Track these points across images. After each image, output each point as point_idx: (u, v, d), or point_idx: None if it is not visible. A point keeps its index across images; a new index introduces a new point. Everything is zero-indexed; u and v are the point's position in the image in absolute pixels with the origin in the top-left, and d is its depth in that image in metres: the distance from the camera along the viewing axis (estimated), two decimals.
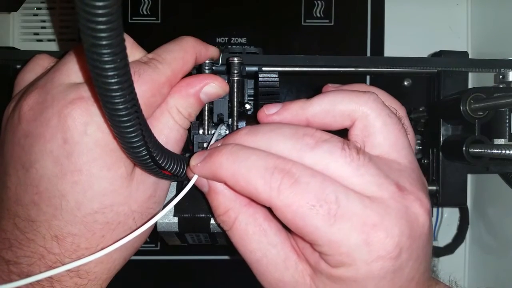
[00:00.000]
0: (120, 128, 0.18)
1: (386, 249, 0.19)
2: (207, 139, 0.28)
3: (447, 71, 0.37)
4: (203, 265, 0.47)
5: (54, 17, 0.48)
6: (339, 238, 0.19)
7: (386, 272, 0.19)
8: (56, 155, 0.21)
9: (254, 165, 0.20)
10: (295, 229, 0.20)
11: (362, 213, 0.19)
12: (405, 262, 0.20)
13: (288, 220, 0.20)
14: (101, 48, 0.14)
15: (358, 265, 0.19)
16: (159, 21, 0.47)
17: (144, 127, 0.19)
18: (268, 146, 0.21)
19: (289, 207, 0.19)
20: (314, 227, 0.19)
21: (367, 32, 0.47)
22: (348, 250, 0.19)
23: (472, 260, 0.48)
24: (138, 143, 0.19)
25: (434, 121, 0.39)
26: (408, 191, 0.21)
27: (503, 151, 0.31)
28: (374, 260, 0.19)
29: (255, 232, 0.22)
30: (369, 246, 0.19)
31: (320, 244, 0.20)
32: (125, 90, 0.16)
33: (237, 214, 0.22)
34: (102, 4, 0.13)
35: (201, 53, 0.27)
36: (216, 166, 0.21)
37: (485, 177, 0.46)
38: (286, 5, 0.48)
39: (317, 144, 0.21)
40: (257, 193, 0.20)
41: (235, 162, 0.21)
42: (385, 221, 0.19)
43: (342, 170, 0.20)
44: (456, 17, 0.49)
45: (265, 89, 0.30)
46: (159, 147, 0.21)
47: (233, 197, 0.22)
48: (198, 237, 0.30)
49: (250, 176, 0.20)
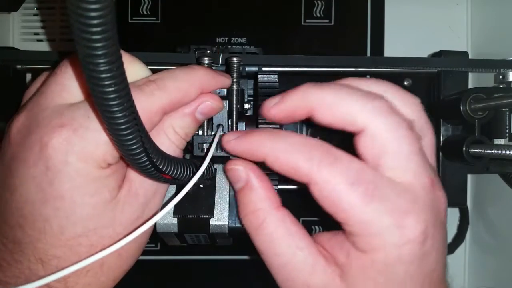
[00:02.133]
0: (118, 136, 0.18)
1: (415, 233, 0.20)
2: (207, 139, 0.28)
3: (447, 71, 0.37)
4: (203, 265, 0.47)
5: (54, 17, 0.48)
6: (372, 218, 0.20)
7: (414, 256, 0.20)
8: (39, 181, 0.21)
9: (296, 141, 0.21)
10: (329, 206, 0.20)
11: (396, 198, 0.20)
12: (429, 249, 0.20)
13: (324, 196, 0.20)
14: (97, 58, 0.14)
15: (388, 249, 0.20)
16: (159, 21, 0.47)
17: (143, 132, 0.19)
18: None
19: (327, 183, 0.20)
20: (349, 205, 0.20)
21: (367, 32, 0.47)
22: (380, 231, 0.20)
23: (472, 260, 0.48)
24: (138, 150, 0.19)
25: (434, 121, 0.39)
26: (436, 186, 0.22)
27: (503, 151, 0.31)
28: (404, 243, 0.20)
29: (283, 235, 0.22)
30: (400, 229, 0.20)
31: (352, 223, 0.20)
32: (122, 98, 0.16)
33: (266, 215, 0.22)
34: (96, 14, 0.13)
35: (209, 86, 0.25)
36: (257, 142, 0.22)
37: (485, 177, 0.46)
38: (286, 5, 0.47)
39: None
40: (298, 167, 0.21)
41: (276, 139, 0.22)
42: (415, 208, 0.20)
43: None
44: (456, 17, 0.49)
45: (265, 89, 0.30)
46: (158, 152, 0.21)
47: (265, 197, 0.23)
48: (198, 237, 0.30)
49: (291, 151, 0.21)
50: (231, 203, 0.28)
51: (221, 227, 0.28)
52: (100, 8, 0.13)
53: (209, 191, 0.28)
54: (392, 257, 0.20)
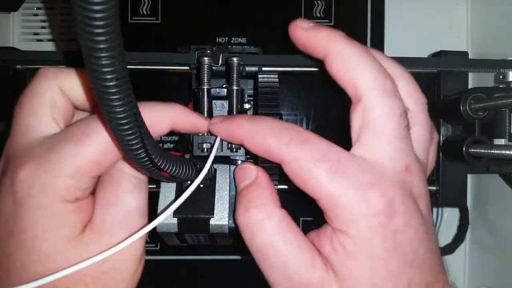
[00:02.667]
0: (118, 131, 0.18)
1: (380, 204, 0.21)
2: (207, 140, 0.28)
3: (447, 71, 0.37)
4: (203, 265, 0.47)
5: (54, 17, 0.48)
6: (338, 192, 0.21)
7: (386, 230, 0.21)
8: (7, 217, 0.22)
9: (270, 125, 0.23)
10: (299, 182, 0.22)
11: (361, 173, 0.21)
12: (402, 227, 0.21)
13: (295, 173, 0.22)
14: (99, 51, 0.14)
15: (358, 221, 0.21)
16: (159, 21, 0.47)
17: (143, 129, 0.19)
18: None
19: (296, 161, 0.22)
20: (316, 181, 0.21)
21: (367, 32, 0.47)
22: (346, 204, 0.21)
23: (472, 260, 0.48)
24: (137, 146, 0.19)
25: (434, 121, 0.39)
26: (412, 173, 0.22)
27: (503, 151, 0.31)
28: (372, 215, 0.21)
29: (286, 232, 0.22)
30: (365, 201, 0.21)
31: (321, 198, 0.22)
32: (123, 93, 0.16)
33: (270, 210, 0.23)
34: (99, 8, 0.13)
35: (181, 123, 0.25)
36: (237, 126, 0.25)
37: (485, 177, 0.46)
38: (286, 5, 0.47)
39: None
40: (270, 148, 0.23)
41: (253, 122, 0.24)
42: (380, 182, 0.21)
43: None
44: (456, 17, 0.49)
45: (265, 89, 0.30)
46: (157, 149, 0.20)
47: (271, 193, 0.24)
48: (198, 237, 0.30)
49: (265, 133, 0.23)
50: (231, 203, 0.28)
51: (221, 227, 0.28)
52: (104, 1, 0.13)
53: (209, 191, 0.28)
54: (363, 230, 0.21)
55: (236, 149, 0.29)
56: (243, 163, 0.26)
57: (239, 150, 0.29)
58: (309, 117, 0.47)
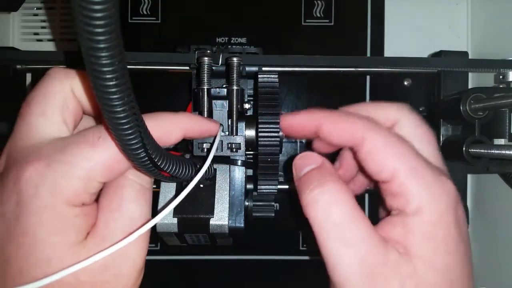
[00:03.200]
0: (118, 130, 0.18)
1: (453, 189, 0.23)
2: (207, 139, 0.28)
3: (447, 71, 0.37)
4: (203, 265, 0.47)
5: (54, 17, 0.48)
6: (415, 174, 0.23)
7: (456, 214, 0.23)
8: (8, 218, 0.21)
9: (343, 113, 0.27)
10: (375, 163, 0.23)
11: (428, 165, 0.23)
12: (462, 218, 0.23)
13: (372, 153, 0.24)
14: (99, 51, 0.14)
15: (437, 201, 0.22)
16: (159, 21, 0.47)
17: (142, 128, 0.19)
18: None
19: (375, 140, 0.24)
20: (392, 161, 0.23)
21: (367, 32, 0.47)
22: (424, 185, 0.22)
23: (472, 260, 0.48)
24: (137, 145, 0.19)
25: (434, 121, 0.39)
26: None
27: (503, 151, 0.31)
28: (447, 195, 0.22)
29: (359, 210, 0.23)
30: (442, 184, 0.23)
31: (398, 180, 0.23)
32: (123, 93, 0.16)
33: (345, 188, 0.23)
34: (100, 7, 0.13)
35: (193, 130, 0.25)
36: (313, 113, 0.27)
37: (485, 177, 0.46)
38: (286, 5, 0.47)
39: None
40: (353, 130, 0.25)
41: (329, 111, 0.27)
42: (447, 175, 0.24)
43: None
44: (456, 17, 0.49)
45: (265, 89, 0.30)
46: (157, 149, 0.21)
47: (338, 176, 0.24)
48: (198, 237, 0.30)
49: (346, 118, 0.26)
50: (231, 203, 0.28)
51: (221, 227, 0.28)
52: (104, 1, 0.13)
53: (209, 191, 0.28)
54: (441, 210, 0.22)
55: (236, 149, 0.29)
56: (304, 152, 0.26)
57: (239, 150, 0.29)
58: None
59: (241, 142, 0.29)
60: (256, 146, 0.29)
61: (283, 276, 0.46)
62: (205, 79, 0.30)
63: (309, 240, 0.47)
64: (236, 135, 0.29)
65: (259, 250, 0.47)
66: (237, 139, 0.29)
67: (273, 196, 0.31)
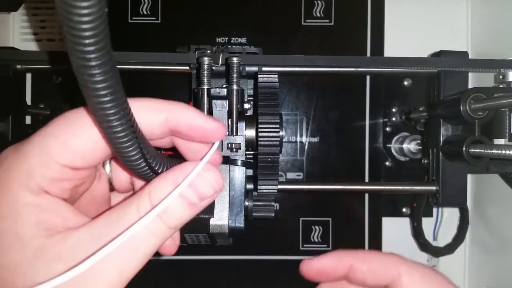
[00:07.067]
0: (117, 144, 0.18)
1: None
2: None
3: (447, 71, 0.37)
4: (203, 265, 0.47)
5: (54, 17, 0.48)
6: None
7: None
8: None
9: (371, 251, 0.25)
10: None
11: None
12: None
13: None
14: (91, 69, 0.14)
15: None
16: (159, 21, 0.47)
17: (140, 139, 0.19)
18: None
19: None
20: None
21: (367, 32, 0.47)
22: None
23: (472, 260, 0.48)
24: (136, 156, 0.19)
25: (434, 121, 0.39)
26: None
27: (503, 151, 0.31)
28: None
29: None
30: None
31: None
32: (118, 107, 0.16)
33: None
34: (88, 26, 0.13)
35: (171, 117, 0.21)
36: (342, 253, 0.24)
37: (485, 177, 0.46)
38: (286, 5, 0.48)
39: None
40: (386, 269, 0.23)
41: (356, 252, 0.24)
42: None
43: None
44: (456, 17, 0.49)
45: (265, 89, 0.30)
46: (157, 157, 0.21)
47: None
48: (198, 237, 0.30)
49: (375, 256, 0.24)
50: (231, 203, 0.28)
51: (221, 227, 0.28)
52: (92, 20, 0.13)
53: None
54: None
55: (236, 149, 0.29)
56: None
57: (239, 150, 0.29)
58: (309, 117, 0.47)
59: (241, 142, 0.29)
60: (256, 146, 0.29)
61: (283, 276, 0.46)
62: (205, 79, 0.30)
63: None
64: (236, 135, 0.29)
65: (259, 250, 0.47)
66: (237, 139, 0.29)
67: (273, 196, 0.31)
